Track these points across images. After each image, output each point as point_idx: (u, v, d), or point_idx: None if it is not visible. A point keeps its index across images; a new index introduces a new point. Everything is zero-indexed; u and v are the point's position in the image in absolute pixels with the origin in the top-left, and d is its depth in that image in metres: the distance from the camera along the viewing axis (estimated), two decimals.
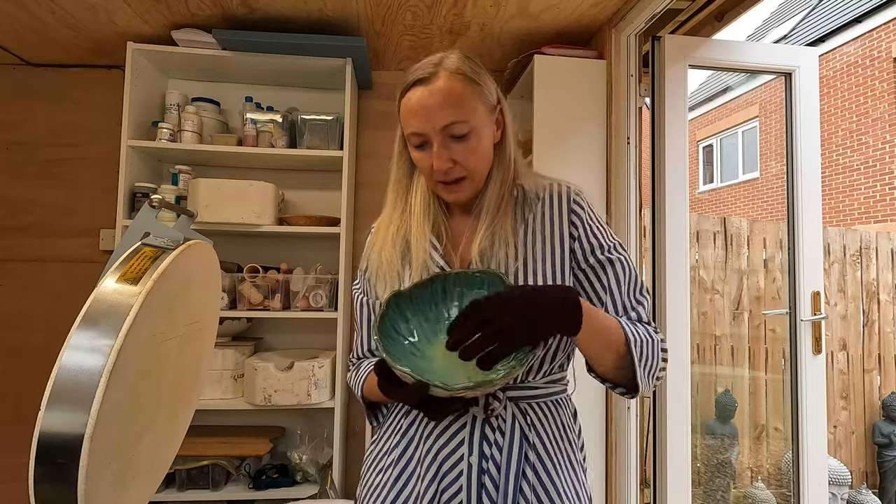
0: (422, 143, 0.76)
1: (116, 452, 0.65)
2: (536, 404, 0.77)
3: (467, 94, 0.74)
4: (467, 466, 0.71)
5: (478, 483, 0.70)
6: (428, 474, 0.72)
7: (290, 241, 2.15)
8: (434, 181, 0.78)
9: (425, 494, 0.71)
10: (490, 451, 0.71)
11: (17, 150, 2.18)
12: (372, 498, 0.77)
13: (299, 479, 1.94)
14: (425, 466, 0.72)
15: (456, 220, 0.84)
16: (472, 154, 0.76)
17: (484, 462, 0.71)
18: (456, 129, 0.73)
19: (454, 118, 0.73)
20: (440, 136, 0.74)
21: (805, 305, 1.82)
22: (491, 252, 0.76)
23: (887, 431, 2.94)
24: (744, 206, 8.10)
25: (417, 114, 0.74)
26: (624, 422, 1.70)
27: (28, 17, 1.81)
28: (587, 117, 1.83)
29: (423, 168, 0.79)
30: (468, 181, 0.78)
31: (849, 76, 6.19)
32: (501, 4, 1.72)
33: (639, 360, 0.70)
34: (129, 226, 0.81)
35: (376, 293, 0.83)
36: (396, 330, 0.73)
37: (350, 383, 0.88)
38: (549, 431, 0.76)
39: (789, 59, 1.87)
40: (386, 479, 0.76)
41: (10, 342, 2.13)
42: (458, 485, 0.70)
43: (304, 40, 1.84)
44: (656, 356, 0.73)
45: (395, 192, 0.86)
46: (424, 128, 0.74)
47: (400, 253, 0.81)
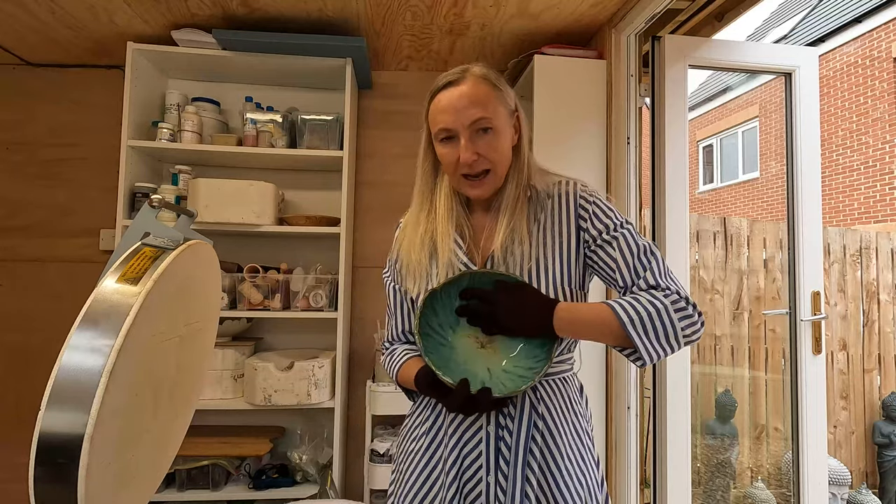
0: (449, 136, 0.85)
1: (116, 452, 0.65)
2: (545, 382, 0.87)
3: (491, 97, 0.85)
4: (485, 434, 0.84)
5: (495, 448, 0.83)
6: (452, 440, 0.85)
7: (290, 241, 2.14)
8: (458, 176, 0.86)
9: (450, 456, 0.84)
10: (505, 421, 0.84)
11: (17, 150, 2.18)
12: (407, 462, 0.90)
13: (299, 479, 1.94)
14: (450, 434, 0.85)
15: (476, 218, 0.93)
16: (495, 150, 0.85)
17: (500, 430, 0.84)
18: (481, 125, 0.83)
19: (480, 115, 0.82)
20: (468, 131, 0.83)
21: (805, 305, 1.82)
22: (511, 248, 0.85)
23: (887, 431, 2.93)
24: (744, 206, 8.09)
25: (447, 111, 0.83)
26: (624, 422, 1.70)
27: (28, 17, 1.81)
28: (587, 117, 1.83)
29: (448, 163, 0.86)
30: (491, 175, 0.86)
31: (849, 76, 6.19)
32: (501, 4, 1.72)
33: (637, 336, 0.75)
34: (129, 226, 0.81)
35: (406, 287, 0.93)
36: (430, 325, 0.84)
37: (384, 365, 0.98)
38: (556, 404, 0.86)
39: (789, 59, 1.87)
40: (419, 446, 0.89)
41: (10, 342, 2.13)
42: (479, 449, 0.84)
43: (304, 40, 1.84)
44: (668, 321, 0.76)
45: (420, 194, 0.93)
46: (454, 123, 0.83)
47: (428, 253, 0.90)
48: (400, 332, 0.97)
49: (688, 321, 0.77)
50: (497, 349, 0.83)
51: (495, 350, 0.83)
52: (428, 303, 0.83)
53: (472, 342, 0.84)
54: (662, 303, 0.76)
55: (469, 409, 0.77)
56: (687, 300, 0.78)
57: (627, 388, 1.70)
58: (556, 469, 0.83)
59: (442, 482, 0.85)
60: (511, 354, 0.83)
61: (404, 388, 0.95)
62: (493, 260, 0.86)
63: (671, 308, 0.76)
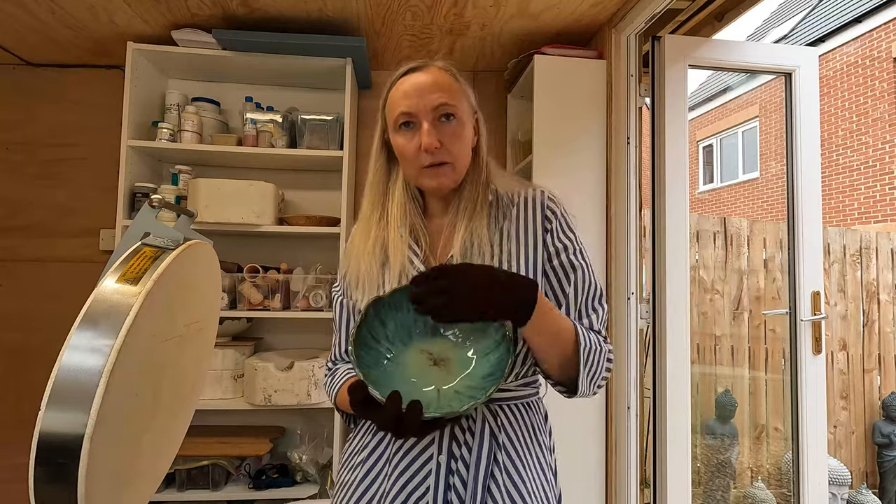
0: (409, 122, 0.77)
1: (116, 452, 0.65)
2: (507, 406, 0.78)
3: (455, 86, 0.80)
4: (436, 466, 0.72)
5: (445, 483, 0.71)
6: (395, 472, 0.73)
7: (290, 241, 2.14)
8: (419, 167, 0.78)
9: (390, 492, 0.72)
10: (460, 451, 0.73)
11: (17, 150, 2.18)
12: (343, 494, 0.78)
13: (299, 479, 1.94)
14: (394, 465, 0.74)
15: (433, 224, 0.85)
16: (458, 140, 0.78)
17: (453, 462, 0.72)
18: (445, 109, 0.77)
19: (445, 100, 0.77)
20: (430, 115, 0.76)
21: (805, 305, 1.82)
22: (470, 252, 0.78)
23: (887, 431, 2.94)
24: (744, 206, 8.09)
25: (410, 95, 0.77)
26: (624, 422, 1.70)
27: (28, 17, 1.81)
28: (587, 117, 1.83)
29: (407, 153, 0.78)
30: (451, 167, 0.78)
31: (849, 76, 6.19)
32: (501, 4, 1.72)
33: (584, 365, 0.72)
34: (129, 226, 0.81)
35: (356, 299, 0.83)
36: (374, 336, 0.73)
37: (325, 387, 0.88)
38: (519, 433, 0.77)
39: (789, 59, 1.87)
40: (355, 476, 0.77)
41: (10, 342, 2.13)
42: (427, 484, 0.72)
43: (303, 40, 1.84)
44: (601, 364, 0.75)
45: (371, 198, 0.86)
46: (416, 107, 0.76)
47: (379, 262, 0.81)
48: (344, 350, 0.87)
49: (608, 374, 0.78)
50: (451, 368, 0.73)
51: (448, 369, 0.72)
52: (372, 312, 0.72)
53: (424, 359, 0.73)
54: (602, 346, 0.76)
55: (398, 429, 0.62)
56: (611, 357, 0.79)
57: (627, 388, 1.70)
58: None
59: None
60: (465, 373, 0.72)
61: (343, 412, 0.84)
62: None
63: (605, 355, 0.76)
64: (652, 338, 1.74)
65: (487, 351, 0.73)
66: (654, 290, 1.72)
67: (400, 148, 0.79)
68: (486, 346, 0.73)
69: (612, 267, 1.78)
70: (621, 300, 1.73)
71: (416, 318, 0.74)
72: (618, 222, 1.77)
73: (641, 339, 1.75)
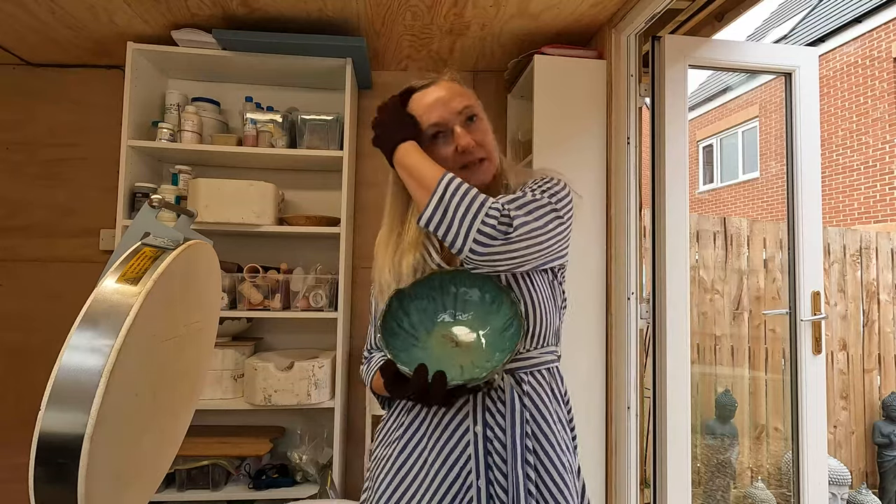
0: (440, 131, 0.84)
1: (116, 452, 0.65)
2: (530, 373, 0.84)
3: (468, 92, 0.88)
4: (473, 436, 0.79)
5: (485, 450, 0.79)
6: (437, 445, 0.80)
7: (290, 241, 2.15)
8: (458, 168, 0.84)
9: (434, 462, 0.80)
10: (494, 419, 0.80)
11: (17, 150, 2.18)
12: (381, 467, 0.86)
13: (299, 479, 1.94)
14: (434, 439, 0.81)
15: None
16: (486, 136, 0.86)
17: (489, 431, 0.80)
18: (470, 111, 0.85)
19: (468, 103, 0.85)
20: (459, 119, 0.84)
21: (805, 305, 1.82)
22: None
23: (887, 431, 2.94)
24: (744, 206, 8.09)
25: (435, 107, 0.84)
26: (624, 422, 1.70)
27: (28, 17, 1.81)
28: (587, 117, 1.83)
29: (445, 158, 0.84)
30: (488, 162, 0.86)
31: (849, 76, 6.19)
32: (501, 4, 1.72)
33: (438, 198, 0.74)
34: (129, 226, 0.81)
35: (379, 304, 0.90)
36: (399, 324, 0.82)
37: (362, 374, 0.97)
38: (542, 395, 0.84)
39: (789, 59, 1.87)
40: (393, 450, 0.85)
41: (10, 342, 2.13)
42: (468, 453, 0.79)
43: (303, 40, 1.84)
44: (469, 210, 0.73)
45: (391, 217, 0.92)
46: (444, 115, 0.84)
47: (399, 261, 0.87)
48: (375, 343, 0.97)
49: (488, 220, 0.73)
50: (470, 347, 0.83)
51: (468, 348, 0.83)
52: (396, 303, 0.82)
53: (446, 342, 0.83)
54: (478, 196, 0.75)
55: (426, 398, 0.73)
56: (495, 207, 0.74)
57: (627, 388, 1.70)
58: (549, 460, 0.81)
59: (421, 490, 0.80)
60: (483, 349, 0.82)
61: (379, 396, 0.93)
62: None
63: (480, 200, 0.74)
64: (652, 338, 1.74)
65: (503, 328, 0.82)
66: (654, 290, 1.72)
67: (436, 156, 0.84)
68: (501, 324, 0.82)
69: (612, 267, 1.78)
70: (621, 300, 1.73)
71: (437, 307, 0.84)
72: (618, 222, 1.77)
73: (641, 339, 1.75)
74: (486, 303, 0.84)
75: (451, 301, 0.85)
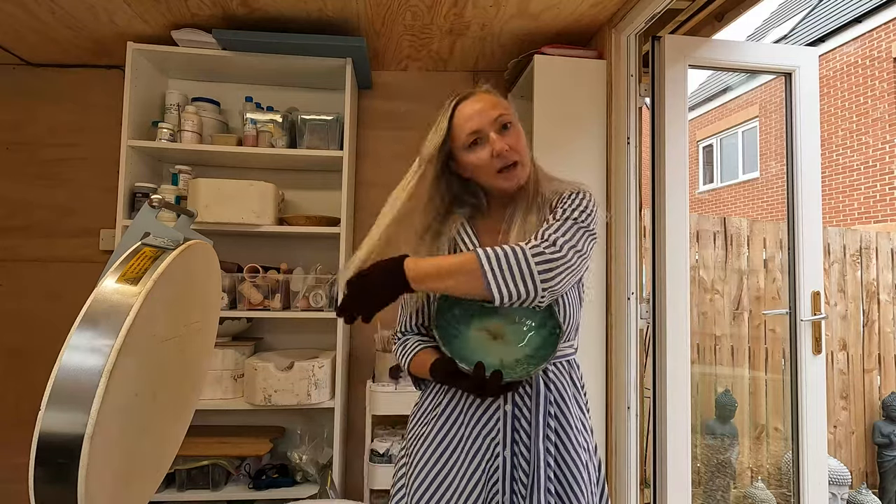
0: (478, 139, 0.92)
1: (116, 452, 0.65)
2: (555, 364, 0.94)
3: (503, 102, 0.96)
4: (503, 413, 0.91)
5: (512, 426, 0.91)
6: (472, 420, 0.92)
7: (290, 241, 2.14)
8: (493, 172, 0.93)
9: (470, 435, 0.92)
10: (522, 400, 0.92)
11: (17, 150, 2.18)
12: (419, 443, 0.96)
13: (299, 479, 1.94)
14: (470, 415, 0.92)
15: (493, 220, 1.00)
16: (520, 141, 0.94)
17: (517, 410, 0.91)
18: (504, 119, 0.93)
19: (502, 111, 0.93)
20: (494, 126, 0.92)
21: (805, 305, 1.82)
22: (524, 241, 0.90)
23: (887, 431, 2.93)
24: (744, 206, 8.09)
25: (472, 117, 0.92)
26: (624, 422, 1.70)
27: (28, 17, 1.81)
28: (587, 117, 1.83)
29: (482, 164, 0.92)
30: (520, 165, 0.93)
31: (849, 76, 6.19)
32: (501, 4, 1.72)
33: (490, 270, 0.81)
34: (129, 226, 0.81)
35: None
36: (445, 318, 0.91)
37: (396, 354, 1.04)
38: (564, 384, 0.94)
39: (789, 59, 1.87)
40: (432, 428, 0.95)
41: (10, 342, 2.13)
42: (497, 428, 0.91)
43: (304, 40, 1.84)
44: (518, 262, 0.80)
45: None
46: (481, 123, 0.91)
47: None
48: (412, 324, 1.03)
49: (544, 266, 0.81)
50: (508, 340, 0.91)
51: (506, 341, 0.91)
52: (443, 297, 0.91)
53: (484, 335, 0.91)
54: (518, 247, 0.82)
55: (483, 391, 0.84)
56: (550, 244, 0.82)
57: (627, 388, 1.70)
58: (567, 439, 0.92)
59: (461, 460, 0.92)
60: (520, 344, 0.90)
61: (415, 376, 1.02)
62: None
63: (524, 253, 0.81)
64: (652, 338, 1.74)
65: (539, 326, 0.91)
66: (654, 290, 1.72)
67: (475, 162, 0.93)
68: (536, 322, 0.91)
69: (612, 267, 1.78)
70: (621, 300, 1.73)
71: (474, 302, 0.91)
72: (618, 222, 1.77)
73: (641, 339, 1.75)
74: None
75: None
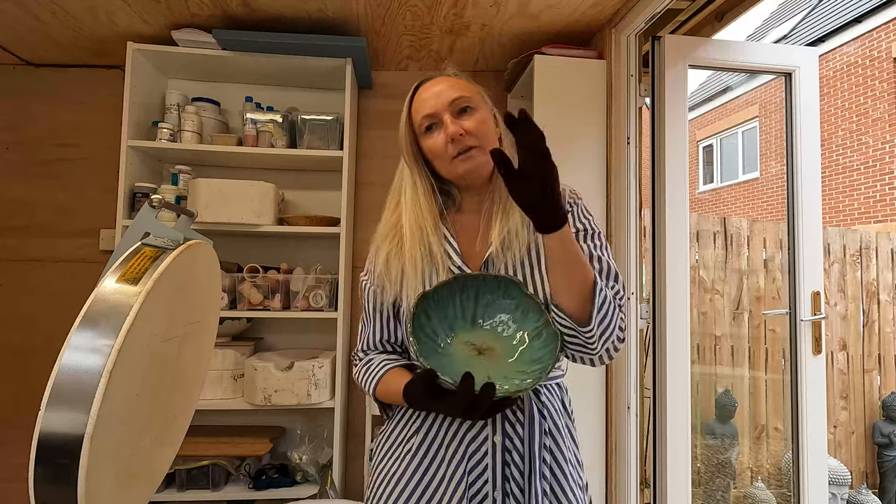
0: (433, 123, 0.84)
1: (116, 452, 0.65)
2: (544, 387, 0.85)
3: (468, 85, 0.87)
4: (492, 445, 0.79)
5: (503, 460, 0.78)
6: (455, 456, 0.78)
7: (290, 241, 2.14)
8: (450, 159, 0.83)
9: (455, 475, 0.78)
10: (513, 429, 0.80)
11: (17, 150, 2.18)
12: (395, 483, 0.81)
13: (299, 479, 1.94)
14: (451, 450, 0.79)
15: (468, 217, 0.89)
16: (480, 125, 0.83)
17: (507, 441, 0.79)
18: (463, 102, 0.83)
19: (460, 94, 0.84)
20: (450, 110, 0.83)
21: (805, 305, 1.82)
22: (507, 241, 0.83)
23: (887, 431, 2.93)
24: (744, 206, 8.09)
25: (428, 100, 0.84)
26: (624, 422, 1.70)
27: (28, 17, 1.81)
28: (587, 117, 1.83)
29: (437, 149, 0.83)
30: (479, 150, 0.83)
31: (849, 76, 6.19)
32: (501, 4, 1.72)
33: (598, 306, 0.74)
34: (129, 226, 0.81)
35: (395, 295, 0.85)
36: (422, 329, 0.77)
37: (357, 378, 0.89)
38: (556, 408, 0.85)
39: (789, 59, 1.87)
40: (409, 464, 0.81)
41: (10, 342, 2.13)
42: (485, 463, 0.78)
43: (304, 40, 1.84)
44: (614, 321, 0.77)
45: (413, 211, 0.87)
46: (435, 107, 0.83)
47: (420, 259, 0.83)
48: (377, 340, 0.89)
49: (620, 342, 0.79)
50: (497, 355, 0.78)
51: (494, 356, 0.78)
52: (420, 307, 0.77)
53: (468, 349, 0.78)
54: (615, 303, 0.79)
55: (473, 410, 0.68)
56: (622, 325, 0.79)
57: (627, 388, 1.70)
58: (562, 474, 0.81)
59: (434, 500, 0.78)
60: (510, 360, 0.77)
61: (382, 402, 0.88)
62: (489, 262, 0.83)
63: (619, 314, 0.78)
64: (652, 338, 1.74)
65: (531, 337, 0.79)
66: (654, 290, 1.72)
67: (430, 148, 0.84)
68: (528, 332, 0.79)
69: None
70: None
71: (457, 312, 0.80)
72: (618, 222, 1.77)
73: (641, 339, 1.75)
74: (512, 310, 0.80)
75: (471, 307, 0.81)
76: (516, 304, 0.79)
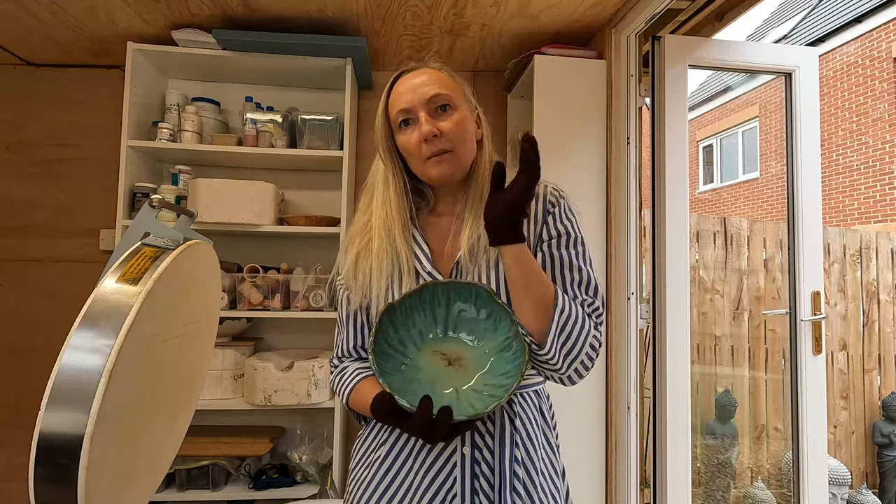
0: (408, 118, 0.79)
1: (116, 452, 0.65)
2: (519, 395, 0.80)
3: (449, 81, 0.82)
4: (461, 457, 0.76)
5: (472, 473, 0.75)
6: (423, 467, 0.76)
7: (290, 241, 2.14)
8: (422, 159, 0.79)
9: (420, 486, 0.75)
10: (483, 440, 0.77)
11: (17, 150, 2.18)
12: (363, 490, 0.79)
13: (299, 479, 1.94)
14: (420, 460, 0.76)
15: (442, 219, 0.85)
16: (457, 127, 0.78)
17: (477, 452, 0.76)
18: (442, 100, 0.79)
19: (438, 91, 0.79)
20: (426, 107, 0.78)
21: (805, 305, 1.82)
22: (477, 246, 0.79)
23: (887, 431, 2.93)
24: (744, 206, 8.09)
25: (404, 93, 0.79)
26: (624, 422, 1.70)
27: (28, 17, 1.81)
28: (587, 117, 1.83)
29: (410, 148, 0.79)
30: (452, 155, 0.79)
31: (849, 76, 6.19)
32: (501, 4, 1.72)
33: (557, 326, 0.72)
34: (129, 226, 0.81)
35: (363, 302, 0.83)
36: (388, 342, 0.75)
37: (333, 386, 0.86)
38: (530, 417, 0.80)
39: (789, 59, 1.87)
40: (375, 471, 0.79)
41: (10, 342, 2.13)
42: (454, 475, 0.75)
43: (304, 40, 1.84)
44: (581, 340, 0.73)
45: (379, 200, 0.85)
46: (411, 101, 0.78)
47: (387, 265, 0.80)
48: (351, 347, 0.86)
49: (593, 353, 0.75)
50: (466, 366, 0.75)
51: (464, 368, 0.75)
52: (386, 319, 0.74)
53: (438, 360, 0.76)
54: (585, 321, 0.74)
55: (430, 434, 0.66)
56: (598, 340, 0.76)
57: (627, 388, 1.70)
58: (534, 487, 0.77)
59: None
60: (481, 371, 0.75)
61: (355, 412, 0.84)
62: (460, 266, 0.79)
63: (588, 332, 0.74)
64: (652, 338, 1.74)
65: (501, 348, 0.75)
66: (654, 290, 1.72)
67: (404, 145, 0.80)
68: (499, 343, 0.75)
69: (612, 267, 1.78)
70: (621, 300, 1.73)
71: (428, 322, 0.77)
72: (618, 222, 1.77)
73: (641, 339, 1.75)
74: (482, 319, 0.76)
75: (442, 316, 0.78)
76: (488, 313, 0.76)
